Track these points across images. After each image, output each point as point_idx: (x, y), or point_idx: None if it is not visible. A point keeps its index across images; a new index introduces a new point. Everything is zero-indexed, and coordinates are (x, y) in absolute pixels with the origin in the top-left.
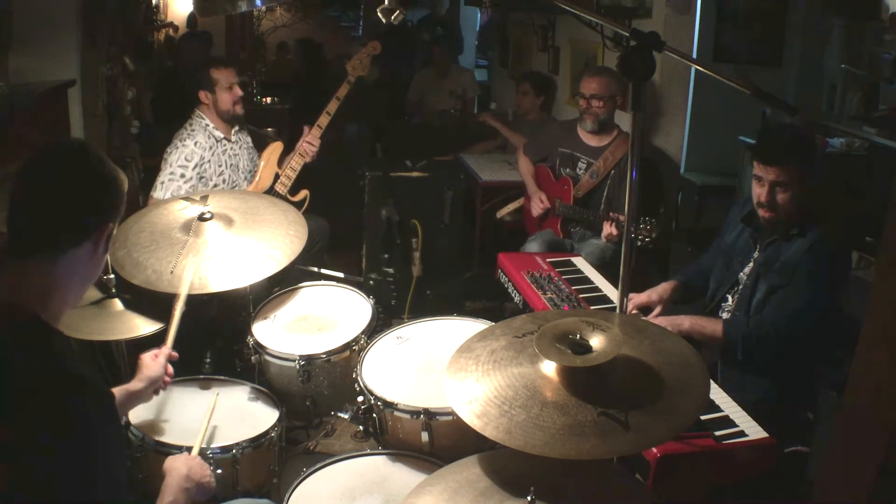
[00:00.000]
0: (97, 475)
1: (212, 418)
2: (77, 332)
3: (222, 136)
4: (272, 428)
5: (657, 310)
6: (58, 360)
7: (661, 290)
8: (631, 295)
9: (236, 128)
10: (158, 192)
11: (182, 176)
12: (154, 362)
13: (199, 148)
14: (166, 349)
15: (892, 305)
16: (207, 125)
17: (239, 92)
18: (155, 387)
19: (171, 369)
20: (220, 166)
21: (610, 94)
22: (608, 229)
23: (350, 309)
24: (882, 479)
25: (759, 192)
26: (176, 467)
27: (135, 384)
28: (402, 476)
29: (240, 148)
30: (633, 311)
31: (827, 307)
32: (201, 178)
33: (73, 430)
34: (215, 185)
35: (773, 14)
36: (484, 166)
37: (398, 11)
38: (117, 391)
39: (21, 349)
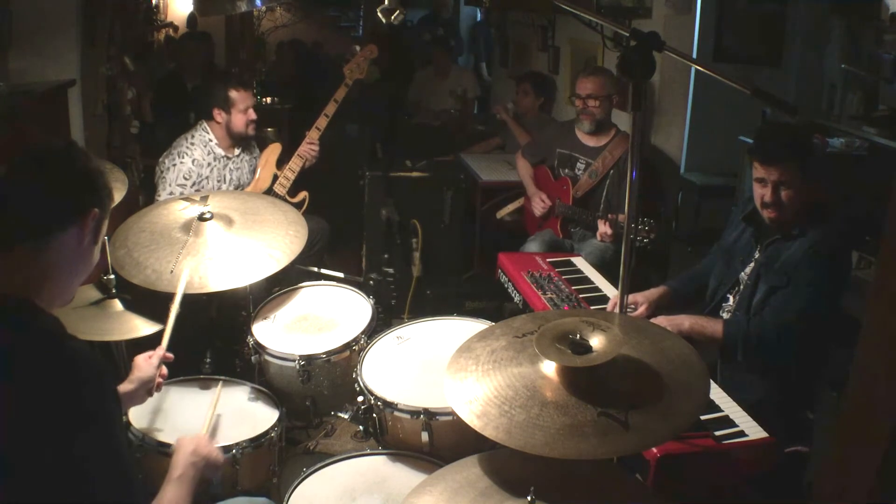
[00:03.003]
0: (97, 457)
1: (216, 409)
2: (77, 333)
3: (223, 153)
4: (272, 428)
5: (641, 309)
6: (53, 340)
7: (649, 293)
8: (614, 296)
9: (241, 146)
10: None
11: (181, 195)
12: (146, 363)
13: (196, 166)
14: (160, 350)
15: (892, 305)
16: (210, 140)
17: (253, 116)
18: (147, 388)
19: (164, 370)
20: (218, 181)
21: (606, 94)
22: (603, 228)
23: (350, 309)
24: (882, 480)
25: (762, 192)
26: (183, 444)
27: (126, 385)
28: (402, 476)
29: (241, 161)
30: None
31: (827, 307)
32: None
33: (74, 410)
34: None
35: (773, 14)
36: (484, 166)
37: (398, 11)
38: None
39: (14, 335)
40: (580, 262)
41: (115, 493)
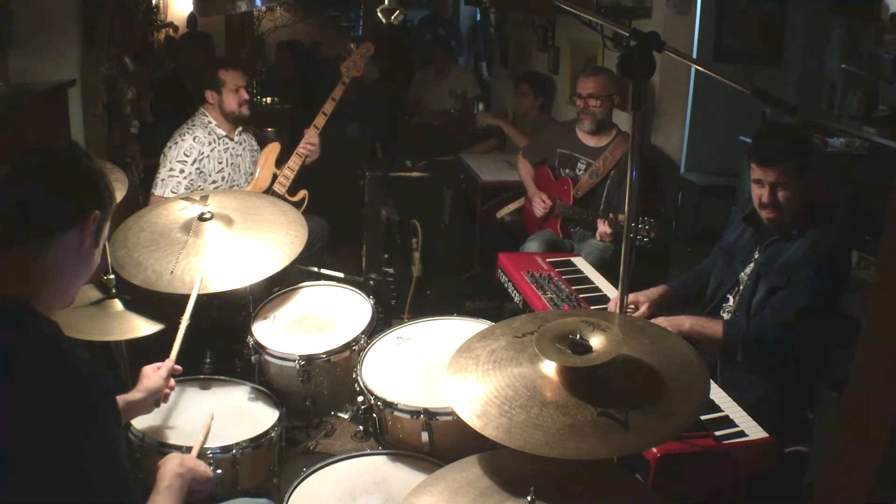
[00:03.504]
0: (97, 458)
1: (208, 433)
2: (77, 333)
3: (224, 134)
4: (272, 428)
5: (642, 309)
6: (52, 342)
7: (650, 292)
8: (614, 297)
9: (240, 128)
10: (158, 190)
11: (181, 171)
12: (155, 374)
13: (197, 143)
14: (169, 363)
15: (892, 305)
16: (210, 122)
17: (245, 95)
18: (155, 398)
19: (172, 382)
20: (219, 163)
21: (606, 94)
22: (602, 227)
23: (350, 309)
24: (882, 480)
25: (759, 193)
26: (170, 458)
27: (133, 394)
28: (402, 476)
29: (243, 149)
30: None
31: (827, 308)
32: (200, 172)
33: (73, 413)
34: (214, 182)
35: (773, 14)
36: (484, 166)
37: (398, 11)
38: (117, 400)
39: (17, 336)
40: (580, 262)
41: (113, 493)
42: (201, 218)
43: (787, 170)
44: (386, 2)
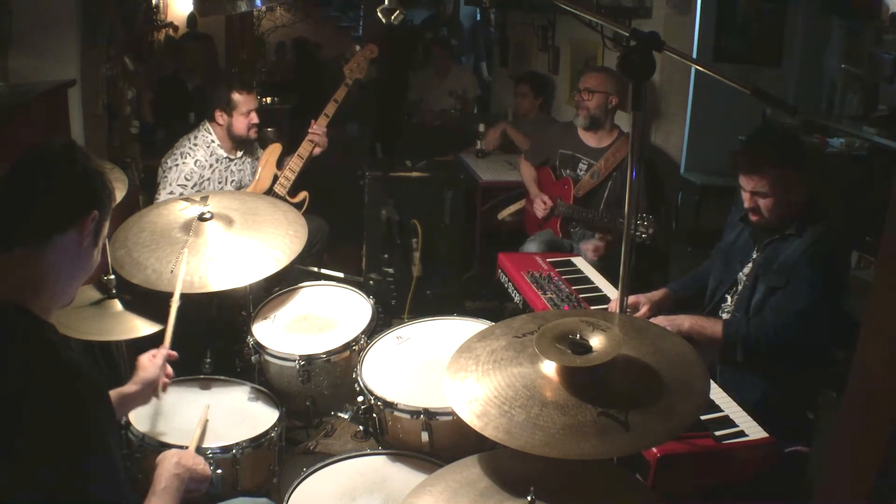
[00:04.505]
0: (93, 460)
1: (205, 426)
2: (77, 333)
3: (225, 154)
4: (272, 428)
5: (643, 311)
6: (50, 348)
7: (651, 294)
8: (615, 297)
9: (243, 148)
10: None
11: (181, 195)
12: (150, 363)
13: (198, 167)
14: (164, 350)
15: (892, 305)
16: (213, 141)
17: (255, 119)
18: (152, 388)
19: (170, 370)
20: (220, 183)
21: (603, 90)
22: (596, 243)
23: (350, 309)
24: (882, 480)
25: (744, 196)
26: (166, 457)
27: (130, 387)
28: (402, 476)
29: (243, 163)
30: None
31: (826, 308)
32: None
33: (69, 417)
34: None
35: (773, 14)
36: (484, 166)
37: (398, 11)
38: (112, 394)
39: (13, 340)
40: (580, 262)
41: (109, 493)
42: (201, 218)
43: (765, 179)
44: (386, 2)
